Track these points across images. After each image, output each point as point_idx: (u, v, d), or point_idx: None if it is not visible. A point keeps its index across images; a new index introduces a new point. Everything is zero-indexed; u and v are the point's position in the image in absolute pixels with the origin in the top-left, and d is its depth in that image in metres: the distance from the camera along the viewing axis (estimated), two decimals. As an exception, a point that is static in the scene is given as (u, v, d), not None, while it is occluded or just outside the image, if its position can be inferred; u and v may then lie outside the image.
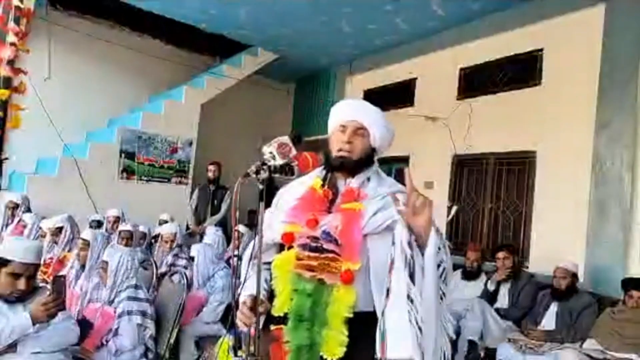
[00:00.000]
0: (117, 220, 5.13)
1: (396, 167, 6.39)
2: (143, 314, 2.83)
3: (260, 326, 1.45)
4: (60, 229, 4.14)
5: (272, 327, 1.51)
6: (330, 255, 1.47)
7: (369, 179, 1.61)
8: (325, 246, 1.47)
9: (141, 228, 4.75)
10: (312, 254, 1.48)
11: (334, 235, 1.48)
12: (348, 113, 1.63)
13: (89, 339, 2.71)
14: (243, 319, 1.46)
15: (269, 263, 1.57)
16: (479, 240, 5.31)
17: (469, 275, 4.51)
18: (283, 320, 1.50)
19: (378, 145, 1.63)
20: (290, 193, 1.67)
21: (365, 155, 1.60)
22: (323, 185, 1.61)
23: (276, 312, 1.51)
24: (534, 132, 4.86)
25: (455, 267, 4.66)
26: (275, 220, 1.62)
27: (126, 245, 4.40)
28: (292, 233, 1.54)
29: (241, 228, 4.74)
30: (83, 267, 3.21)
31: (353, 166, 1.59)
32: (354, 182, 1.59)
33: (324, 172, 1.64)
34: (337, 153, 1.59)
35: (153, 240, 4.90)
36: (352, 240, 1.47)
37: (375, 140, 1.62)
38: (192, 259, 3.84)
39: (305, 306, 1.46)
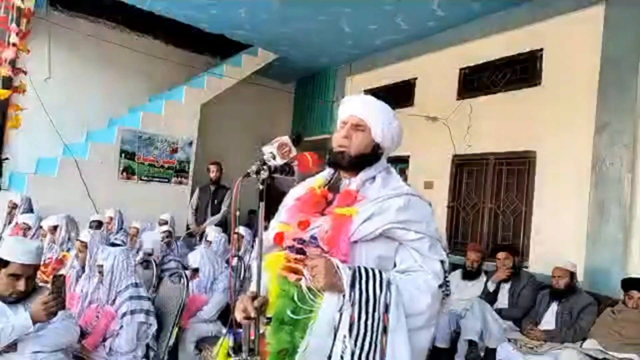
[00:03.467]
0: (111, 220, 5.15)
1: (396, 167, 6.40)
2: (146, 312, 2.83)
3: (260, 326, 1.44)
4: (55, 228, 4.15)
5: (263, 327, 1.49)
6: None
7: (374, 178, 1.55)
8: (308, 252, 1.45)
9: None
10: (298, 257, 1.45)
11: (320, 241, 1.45)
12: (348, 109, 1.60)
13: (90, 338, 2.71)
14: (241, 306, 1.43)
15: None
16: (479, 240, 5.31)
17: (469, 275, 4.51)
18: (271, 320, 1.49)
19: (381, 140, 1.56)
20: (295, 193, 1.65)
21: (365, 150, 1.54)
22: (325, 186, 1.60)
23: (268, 312, 1.49)
24: (534, 132, 4.86)
25: (456, 267, 4.68)
26: (276, 220, 1.62)
27: (131, 240, 4.41)
28: (282, 233, 1.53)
29: (241, 229, 4.73)
30: (83, 268, 3.21)
31: (351, 162, 1.53)
32: (354, 183, 1.55)
33: (332, 172, 1.62)
34: (335, 149, 1.55)
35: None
36: (338, 248, 1.43)
37: (377, 135, 1.55)
38: (196, 270, 3.76)
39: (288, 309, 1.43)
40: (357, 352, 1.30)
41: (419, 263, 1.45)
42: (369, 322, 1.33)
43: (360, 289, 1.34)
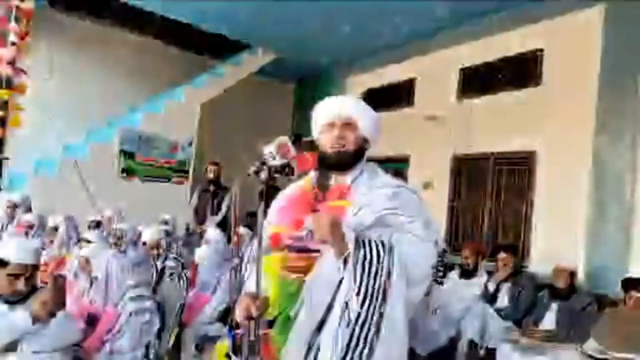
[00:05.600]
0: (110, 220, 5.14)
1: (396, 167, 6.39)
2: (149, 311, 2.83)
3: (260, 327, 1.44)
4: (56, 229, 4.14)
5: (262, 330, 1.48)
6: (315, 254, 1.45)
7: (361, 173, 1.59)
8: (310, 246, 1.46)
9: (140, 227, 4.74)
10: (297, 255, 1.46)
11: None
12: (331, 111, 1.62)
13: (91, 339, 2.71)
14: (242, 306, 1.42)
15: None
16: (480, 240, 5.31)
17: (466, 273, 4.49)
18: (272, 322, 1.49)
19: (369, 134, 1.62)
20: (285, 194, 1.67)
21: (358, 147, 1.59)
22: (315, 185, 1.61)
23: (267, 315, 1.49)
24: (534, 132, 4.86)
25: (454, 267, 4.68)
26: (267, 223, 1.61)
27: (115, 244, 4.37)
28: (278, 234, 1.53)
29: (242, 230, 4.72)
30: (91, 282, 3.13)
31: (349, 160, 1.57)
32: (344, 179, 1.58)
33: (317, 172, 1.63)
34: (331, 150, 1.57)
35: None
36: None
37: (366, 130, 1.61)
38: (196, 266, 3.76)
39: (291, 307, 1.44)
40: (363, 314, 1.32)
41: (415, 244, 1.48)
42: (370, 285, 1.35)
43: (364, 250, 1.37)
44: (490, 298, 4.15)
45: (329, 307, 1.36)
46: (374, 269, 1.35)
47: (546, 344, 3.56)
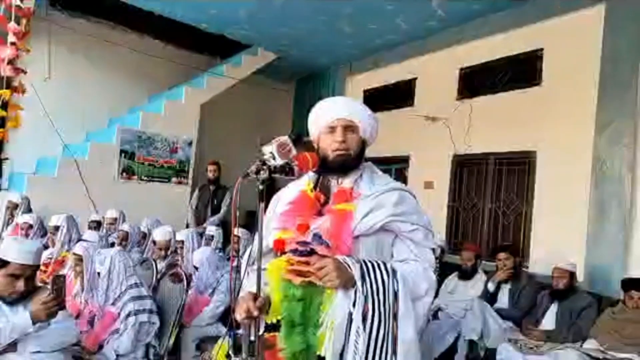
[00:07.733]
0: (115, 221, 5.12)
1: (396, 167, 6.40)
2: (149, 311, 2.83)
3: (260, 327, 1.44)
4: (57, 228, 4.14)
5: (266, 335, 1.49)
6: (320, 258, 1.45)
7: (361, 176, 1.61)
8: (316, 249, 1.46)
9: (142, 228, 4.74)
10: (303, 259, 1.46)
11: (324, 238, 1.47)
12: (332, 112, 1.61)
13: (91, 339, 2.71)
14: (244, 306, 1.41)
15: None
16: (479, 240, 5.31)
17: (464, 275, 4.48)
18: (276, 327, 1.49)
19: (368, 137, 1.64)
20: (285, 197, 1.66)
21: (360, 150, 1.61)
22: (315, 188, 1.60)
23: (268, 319, 1.50)
24: (534, 132, 4.86)
25: (454, 268, 4.67)
26: (270, 226, 1.61)
27: (120, 244, 4.38)
28: (282, 240, 1.53)
29: (241, 230, 4.72)
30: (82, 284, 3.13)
31: (352, 163, 1.59)
32: (346, 182, 1.59)
33: (316, 174, 1.63)
34: (335, 153, 1.57)
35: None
36: (343, 243, 1.47)
37: (365, 133, 1.62)
38: (195, 268, 3.76)
39: (297, 311, 1.45)
40: (373, 339, 1.36)
41: (415, 253, 1.54)
42: (381, 311, 1.39)
43: (370, 280, 1.41)
44: (490, 298, 4.15)
45: (346, 338, 1.39)
46: (381, 294, 1.40)
47: (546, 344, 3.56)
